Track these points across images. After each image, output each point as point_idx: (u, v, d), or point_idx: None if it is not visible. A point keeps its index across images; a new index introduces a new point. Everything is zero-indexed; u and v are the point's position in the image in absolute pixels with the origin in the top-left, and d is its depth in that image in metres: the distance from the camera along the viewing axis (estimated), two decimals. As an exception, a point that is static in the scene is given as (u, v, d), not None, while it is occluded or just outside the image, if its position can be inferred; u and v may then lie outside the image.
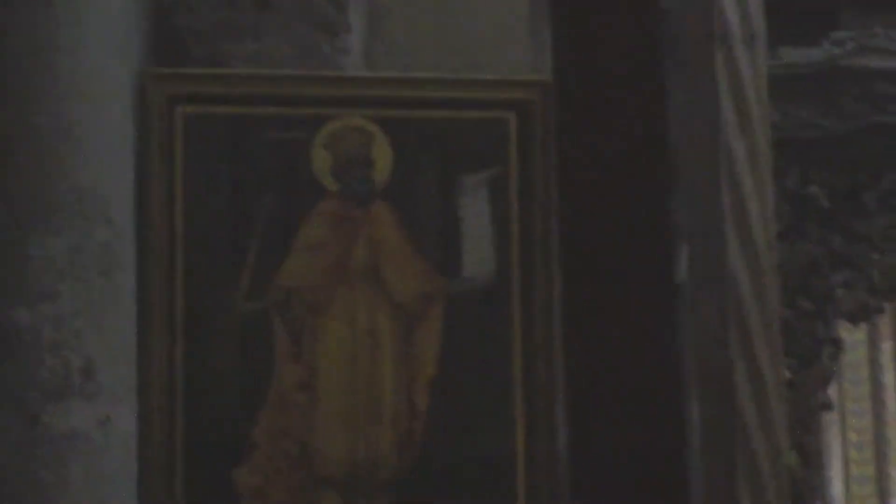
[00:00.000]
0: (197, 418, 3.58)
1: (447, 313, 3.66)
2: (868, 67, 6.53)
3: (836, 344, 7.02)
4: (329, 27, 3.92)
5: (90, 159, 3.35)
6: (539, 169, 3.75)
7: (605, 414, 3.83)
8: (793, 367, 5.82)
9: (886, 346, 11.50)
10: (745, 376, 3.84)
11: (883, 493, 11.49)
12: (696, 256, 3.91)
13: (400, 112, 3.75)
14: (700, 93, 3.90)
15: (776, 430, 3.90)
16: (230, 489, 3.54)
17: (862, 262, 6.44)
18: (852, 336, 9.54)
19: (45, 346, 3.22)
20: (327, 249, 3.65)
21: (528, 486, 3.63)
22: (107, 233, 3.30)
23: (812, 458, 7.24)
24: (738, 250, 3.90)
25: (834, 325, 6.86)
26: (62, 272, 3.24)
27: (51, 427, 3.21)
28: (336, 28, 3.92)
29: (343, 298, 3.64)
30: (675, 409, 3.94)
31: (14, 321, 3.23)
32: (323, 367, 3.61)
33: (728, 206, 3.84)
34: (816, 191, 6.28)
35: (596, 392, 3.81)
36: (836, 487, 10.88)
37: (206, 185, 3.67)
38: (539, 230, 3.71)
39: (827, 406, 7.22)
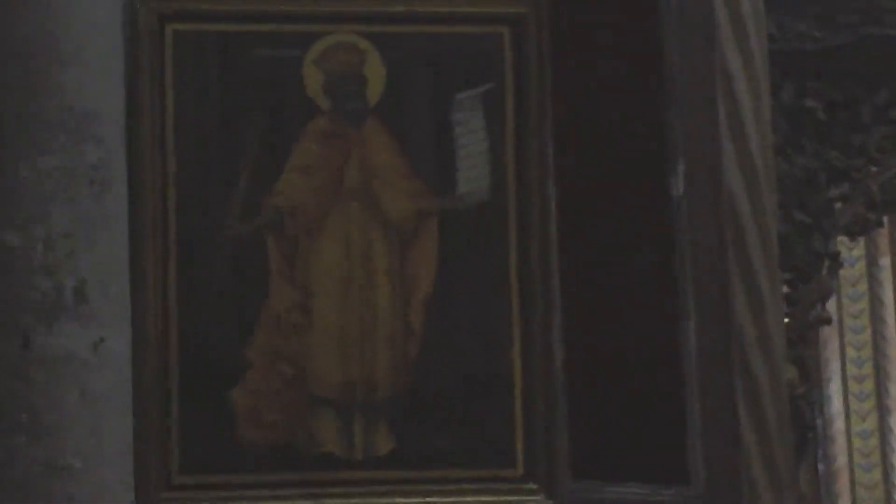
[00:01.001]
0: (191, 339, 3.58)
1: (442, 231, 3.65)
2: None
3: (835, 258, 6.80)
4: None
5: (79, 78, 3.33)
6: (534, 84, 3.71)
7: (601, 331, 3.83)
8: (791, 281, 5.63)
9: (885, 261, 11.30)
10: (742, 291, 3.83)
11: (882, 409, 11.39)
12: (693, 171, 3.84)
13: (392, 27, 3.72)
14: (695, 6, 3.82)
15: (774, 345, 3.93)
16: (225, 409, 3.52)
17: (860, 176, 6.05)
18: (851, 252, 9.38)
19: (37, 268, 3.23)
20: (320, 169, 3.64)
21: (525, 405, 3.62)
22: (97, 152, 3.28)
23: (811, 374, 6.83)
24: (735, 165, 3.87)
25: (832, 239, 6.36)
26: (53, 193, 3.24)
27: (44, 349, 3.22)
28: None
29: (336, 218, 3.62)
30: (672, 324, 3.88)
31: (5, 243, 3.24)
32: (317, 287, 3.61)
33: (724, 120, 3.80)
34: (812, 104, 6.15)
35: (591, 308, 3.81)
36: (836, 403, 10.68)
37: (197, 103, 3.65)
38: (534, 145, 3.68)
39: (825, 321, 7.01)
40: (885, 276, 11.11)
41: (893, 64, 5.96)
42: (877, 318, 11.13)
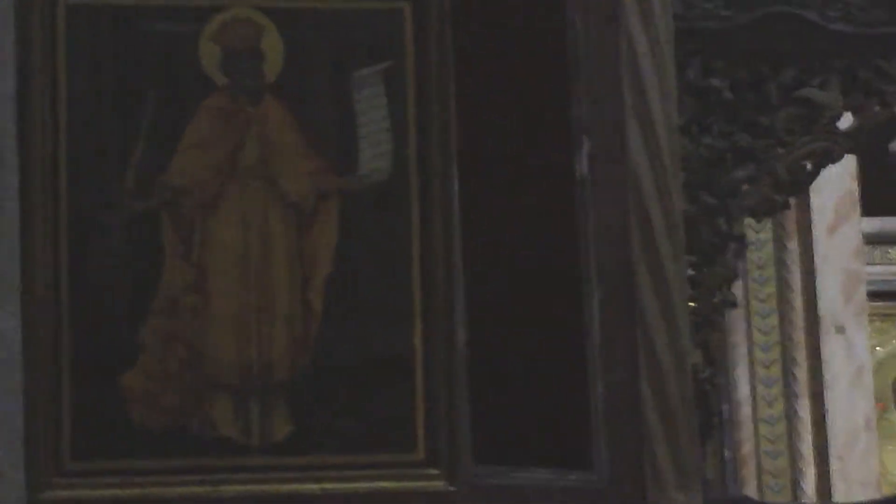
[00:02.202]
0: (83, 321, 3.46)
1: (342, 211, 3.55)
2: None
3: (741, 241, 6.78)
4: None
5: None
6: (436, 61, 3.61)
7: (503, 313, 3.79)
8: (695, 264, 5.52)
9: (792, 244, 11.38)
10: (646, 273, 3.90)
11: (789, 395, 11.37)
12: (597, 151, 3.88)
13: (290, 2, 3.63)
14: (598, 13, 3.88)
15: (679, 328, 3.99)
16: (118, 394, 3.41)
17: (766, 157, 5.94)
18: (758, 235, 9.59)
19: None
20: (216, 146, 3.53)
21: (427, 388, 3.55)
22: None
23: (716, 358, 6.72)
24: (640, 145, 3.93)
25: (739, 221, 6.45)
26: None
27: None
28: None
29: (233, 197, 3.51)
30: (576, 307, 3.91)
31: None
32: (213, 267, 3.50)
33: (629, 100, 3.89)
34: (719, 83, 6.08)
35: (495, 290, 3.76)
36: (743, 388, 10.68)
37: (90, 79, 3.52)
38: (436, 125, 3.58)
39: (731, 304, 6.94)
40: (793, 259, 11.08)
41: (800, 43, 5.89)
42: (784, 303, 11.09)
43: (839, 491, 10.64)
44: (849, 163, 9.70)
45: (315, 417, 3.51)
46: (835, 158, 7.06)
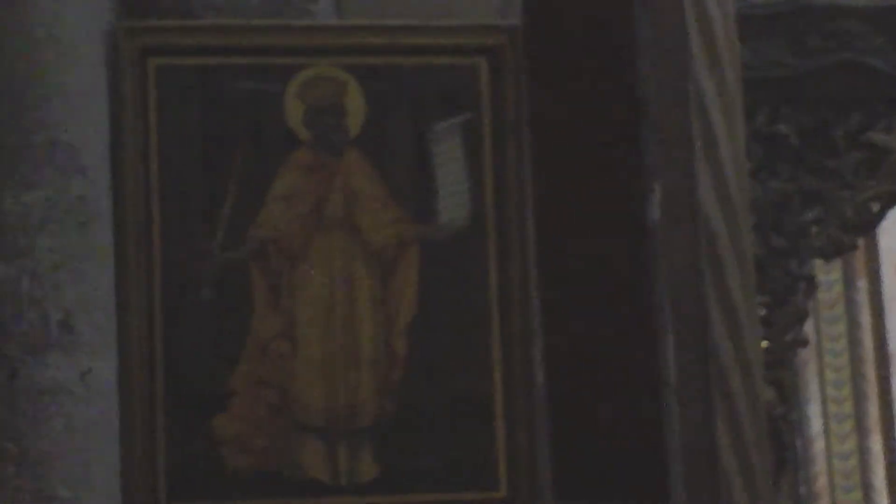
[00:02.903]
0: (176, 368, 3.58)
1: (423, 258, 3.64)
2: (833, 4, 6.18)
3: (811, 281, 6.90)
4: None
5: (64, 112, 3.36)
6: (511, 113, 3.73)
7: (580, 355, 3.73)
8: (767, 304, 5.70)
9: (861, 283, 11.45)
10: (719, 314, 3.81)
11: (861, 430, 11.39)
12: (669, 196, 3.81)
13: (371, 59, 3.74)
14: (669, 33, 3.81)
15: (752, 367, 3.92)
16: (211, 437, 3.53)
17: (833, 199, 6.12)
18: (828, 276, 9.61)
19: (24, 300, 3.27)
20: (302, 199, 3.63)
21: (507, 428, 3.62)
22: (82, 185, 3.32)
23: (789, 395, 7.20)
24: (711, 189, 3.85)
25: (808, 262, 6.45)
26: (38, 226, 3.28)
27: (31, 380, 3.25)
28: None
29: (319, 247, 3.62)
30: (651, 348, 3.87)
31: None
32: (301, 315, 3.61)
33: (700, 144, 3.79)
34: (786, 129, 6.17)
35: (571, 333, 3.72)
36: (816, 425, 10.77)
37: (180, 135, 3.64)
38: (512, 174, 3.70)
39: (802, 343, 7.14)
40: (862, 298, 11.17)
41: (864, 89, 6.03)
42: (854, 341, 11.17)
43: None
44: None
45: (400, 459, 3.58)
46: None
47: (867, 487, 11.15)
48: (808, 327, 7.30)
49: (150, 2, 3.89)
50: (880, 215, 6.94)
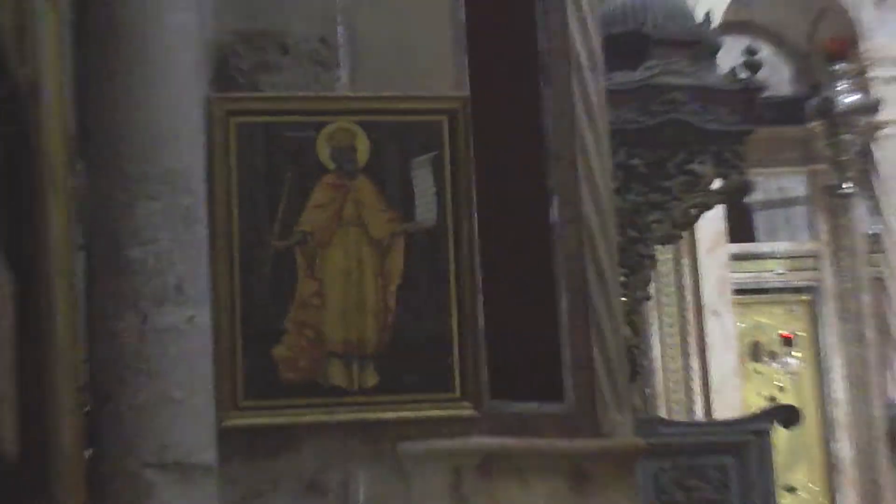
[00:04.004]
0: (249, 315, 4.00)
1: (407, 245, 4.10)
2: (665, 84, 7.09)
3: (652, 259, 7.97)
4: (325, 64, 4.25)
5: (178, 150, 3.87)
6: (462, 153, 4.16)
7: (508, 308, 4.38)
8: (625, 273, 6.52)
9: (685, 260, 12.62)
10: (595, 280, 4.51)
11: (684, 354, 12.62)
12: (563, 205, 4.51)
13: (373, 117, 4.15)
14: (564, 102, 4.47)
15: (616, 313, 4.61)
16: (271, 359, 3.97)
17: (667, 207, 7.27)
18: (664, 255, 11.09)
19: (151, 272, 3.74)
20: (329, 206, 4.03)
21: (461, 354, 4.10)
22: (188, 199, 3.80)
23: (640, 331, 8.52)
24: (590, 200, 4.52)
25: (651, 247, 7.68)
26: (160, 224, 3.75)
27: (156, 323, 3.73)
28: (330, 64, 4.25)
29: (340, 237, 4.04)
30: (552, 303, 4.50)
31: (131, 257, 3.73)
32: (328, 281, 4.01)
33: (582, 173, 4.49)
34: (637, 162, 6.99)
35: (502, 293, 4.33)
36: (656, 350, 12.46)
37: (250, 166, 4.06)
38: (463, 191, 4.15)
39: (647, 298, 8.38)
40: (685, 270, 12.75)
41: (686, 136, 7.14)
42: (681, 297, 12.69)
43: (718, 412, 11.82)
44: (719, 210, 10.96)
45: (392, 373, 4.03)
46: (710, 207, 8.17)
47: (688, 390, 12.42)
48: (651, 288, 9.04)
49: (232, 80, 4.18)
50: (696, 217, 7.93)
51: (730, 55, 7.98)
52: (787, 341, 13.29)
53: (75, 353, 3.31)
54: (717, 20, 9.94)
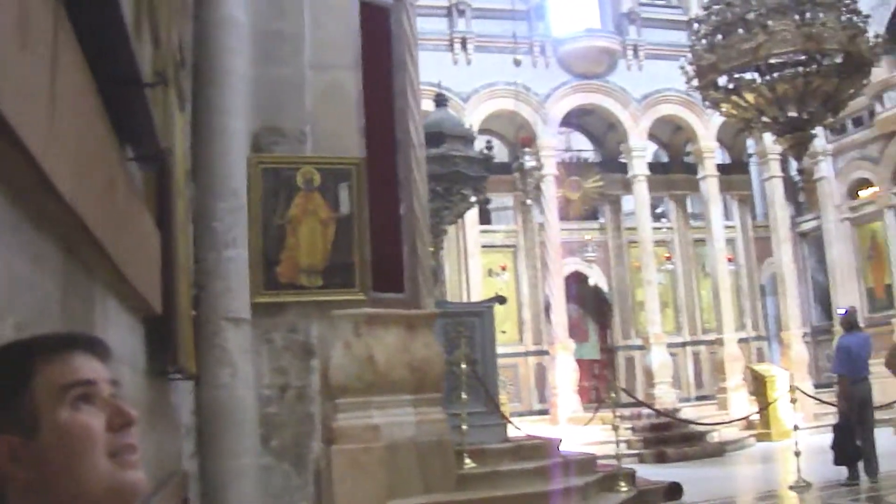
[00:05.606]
0: (266, 253, 5.12)
1: (336, 223, 5.38)
2: (452, 154, 8.10)
3: (446, 231, 8.82)
4: (301, 141, 5.45)
5: (236, 179, 4.96)
6: (361, 183, 5.44)
7: (381, 249, 5.48)
8: (434, 235, 7.49)
9: (460, 234, 14.50)
10: (419, 239, 5.50)
11: (459, 271, 15.20)
12: (404, 205, 5.65)
13: (322, 165, 5.43)
14: (407, 161, 5.67)
15: (427, 254, 5.52)
16: (275, 273, 5.24)
17: (450, 207, 8.25)
18: (448, 233, 11.82)
19: (222, 233, 4.70)
20: (300, 206, 5.34)
21: (360, 271, 5.28)
22: (239, 201, 4.87)
23: (439, 261, 9.26)
24: (417, 204, 5.57)
25: (445, 224, 8.64)
26: (227, 213, 4.82)
27: (223, 256, 4.68)
28: (304, 141, 5.45)
29: (307, 220, 5.34)
30: (400, 247, 5.54)
31: (213, 227, 4.75)
32: (300, 239, 5.29)
33: (414, 191, 5.55)
34: (439, 188, 7.75)
35: (379, 243, 5.45)
36: (446, 270, 14.26)
37: (266, 187, 5.30)
38: (362, 199, 5.41)
39: (441, 248, 8.86)
40: (460, 235, 14.80)
41: (460, 178, 7.99)
42: (457, 247, 14.84)
43: (473, 297, 14.00)
44: (475, 210, 12.21)
45: (329, 279, 5.28)
46: (471, 208, 9.09)
47: (460, 288, 15.12)
48: (444, 242, 9.65)
49: (259, 147, 5.30)
50: (461, 214, 8.98)
51: (480, 143, 10.05)
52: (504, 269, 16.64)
53: (188, 267, 3.91)
54: (475, 127, 13.20)
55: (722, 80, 8.63)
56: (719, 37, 8.45)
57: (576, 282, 16.77)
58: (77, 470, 0.92)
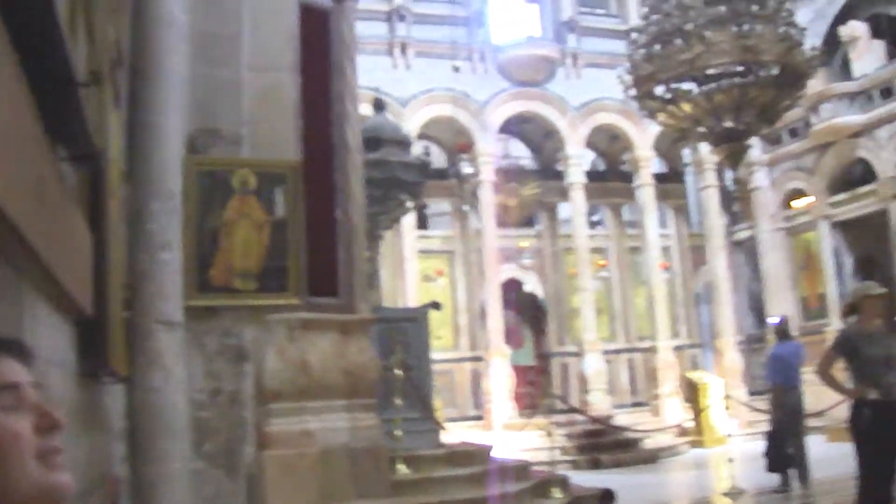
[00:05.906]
0: (198, 255, 4.99)
1: (271, 226, 5.26)
2: (389, 160, 8.08)
3: (380, 237, 8.78)
4: (238, 144, 5.35)
5: (171, 180, 4.79)
6: (297, 186, 5.34)
7: (316, 253, 5.43)
8: (369, 240, 7.17)
9: (396, 240, 14.58)
10: (354, 242, 5.52)
11: (395, 276, 15.41)
12: (341, 209, 5.59)
13: (258, 168, 5.31)
14: (345, 166, 5.61)
15: (360, 259, 5.47)
16: (208, 275, 5.06)
17: (388, 216, 8.29)
18: (385, 238, 11.75)
19: (156, 234, 4.58)
20: (236, 208, 5.23)
21: (293, 275, 5.11)
22: (175, 203, 4.72)
23: (376, 264, 8.86)
24: (354, 208, 5.56)
25: (380, 230, 8.58)
26: (161, 213, 4.63)
27: (157, 259, 4.61)
28: (241, 144, 5.36)
29: (241, 222, 5.24)
30: (335, 252, 5.51)
31: (147, 228, 4.60)
32: (235, 241, 5.21)
33: (352, 196, 5.49)
34: (376, 192, 7.67)
35: (314, 247, 5.43)
36: (382, 275, 13.91)
37: (202, 189, 5.18)
38: (297, 203, 5.29)
39: (378, 253, 8.83)
40: (397, 240, 14.74)
41: (397, 183, 7.99)
42: (393, 252, 14.76)
43: (410, 304, 13.61)
44: (412, 215, 12.42)
45: (263, 283, 5.16)
46: (407, 213, 9.00)
47: (395, 293, 14.93)
48: (380, 248, 9.59)
49: (195, 149, 5.21)
50: (398, 218, 8.87)
51: (418, 148, 10.47)
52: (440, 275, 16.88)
53: (121, 269, 3.76)
54: (414, 132, 13.67)
55: (659, 90, 8.80)
56: (657, 47, 8.63)
57: (512, 288, 16.90)
58: (6, 473, 0.93)
